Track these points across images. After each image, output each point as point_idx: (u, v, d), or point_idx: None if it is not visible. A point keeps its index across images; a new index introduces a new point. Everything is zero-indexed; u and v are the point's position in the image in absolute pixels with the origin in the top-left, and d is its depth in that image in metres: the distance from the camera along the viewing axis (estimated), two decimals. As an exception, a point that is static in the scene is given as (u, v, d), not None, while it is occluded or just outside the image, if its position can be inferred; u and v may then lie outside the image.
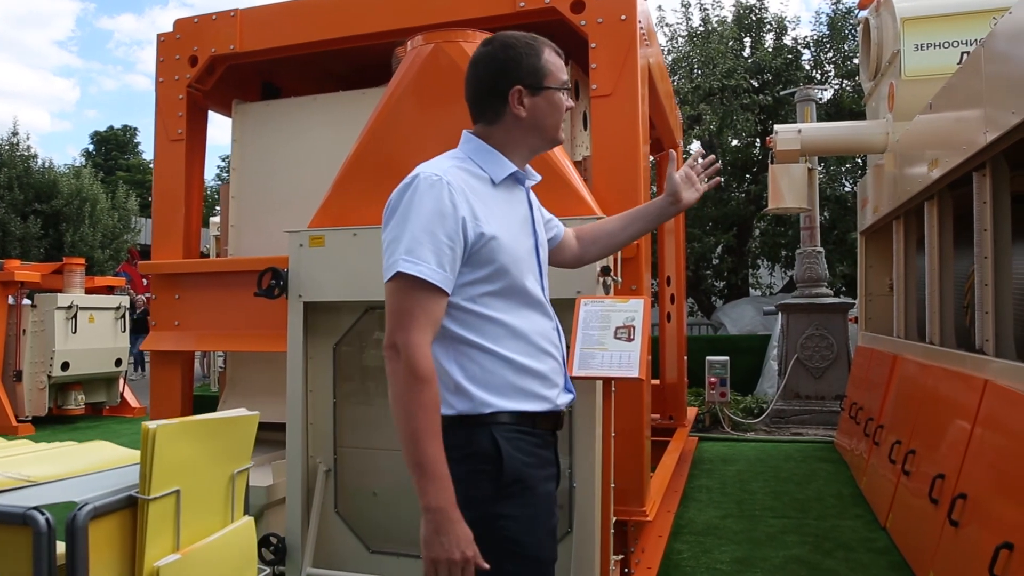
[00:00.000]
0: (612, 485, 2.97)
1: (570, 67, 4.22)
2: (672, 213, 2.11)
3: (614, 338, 2.71)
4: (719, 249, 13.62)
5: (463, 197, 1.64)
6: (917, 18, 5.66)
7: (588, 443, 2.78)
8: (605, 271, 2.92)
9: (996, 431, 3.20)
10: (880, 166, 6.15)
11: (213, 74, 4.24)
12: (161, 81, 4.32)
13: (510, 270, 1.69)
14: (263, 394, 4.18)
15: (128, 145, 41.46)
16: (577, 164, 4.29)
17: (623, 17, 3.70)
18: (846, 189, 12.79)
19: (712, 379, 8.28)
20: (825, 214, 11.37)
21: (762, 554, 4.07)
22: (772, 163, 6.81)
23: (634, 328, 2.70)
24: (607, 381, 2.74)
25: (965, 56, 5.58)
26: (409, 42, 3.24)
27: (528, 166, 1.93)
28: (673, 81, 10.85)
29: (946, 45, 5.61)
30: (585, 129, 4.58)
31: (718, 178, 2.21)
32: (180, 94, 4.19)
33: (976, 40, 5.57)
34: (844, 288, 12.42)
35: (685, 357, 7.07)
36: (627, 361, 2.63)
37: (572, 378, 2.71)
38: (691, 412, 7.52)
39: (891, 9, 5.88)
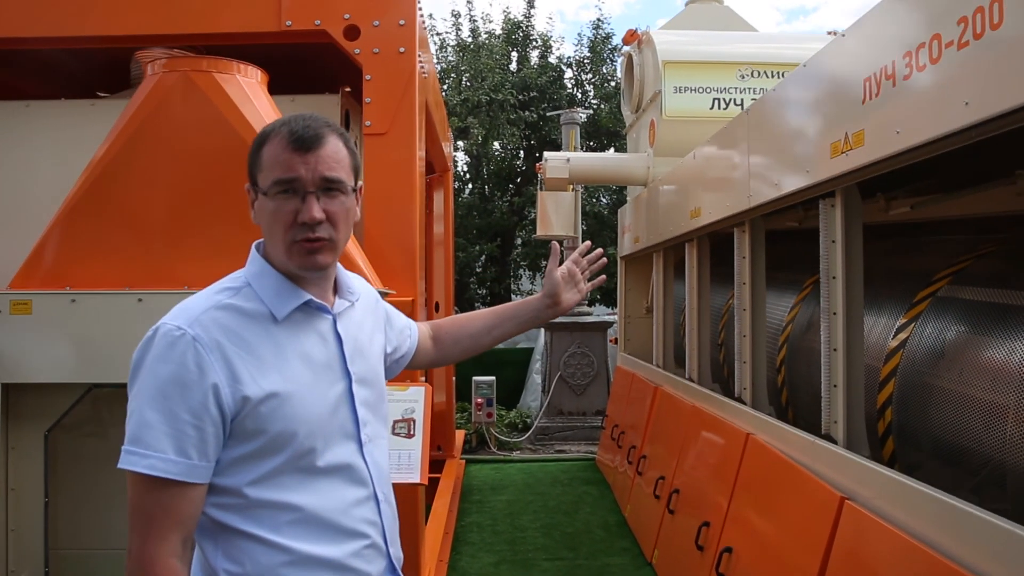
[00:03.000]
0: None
1: (342, 98, 3.84)
2: (549, 316, 1.83)
3: (392, 434, 2.41)
4: (483, 258, 13.77)
5: (217, 354, 1.27)
6: (677, 62, 5.94)
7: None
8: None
9: (756, 489, 3.32)
10: (641, 198, 6.39)
11: None
12: None
13: (295, 437, 1.32)
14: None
15: None
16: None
17: (402, 50, 3.40)
18: (603, 202, 13.48)
19: (479, 400, 8.26)
20: (584, 226, 11.85)
21: (539, 610, 3.98)
22: (541, 190, 6.85)
23: (414, 422, 2.42)
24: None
25: (716, 102, 5.96)
26: (148, 65, 2.69)
27: (345, 277, 1.51)
28: (442, 91, 10.72)
29: (701, 90, 5.94)
30: (356, 161, 4.20)
31: (603, 276, 1.94)
32: None
33: (726, 87, 5.97)
34: (600, 298, 13.07)
35: (453, 378, 6.95)
36: (407, 463, 2.35)
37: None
38: (459, 436, 7.42)
39: (653, 50, 6.12)
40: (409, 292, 3.47)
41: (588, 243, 1.96)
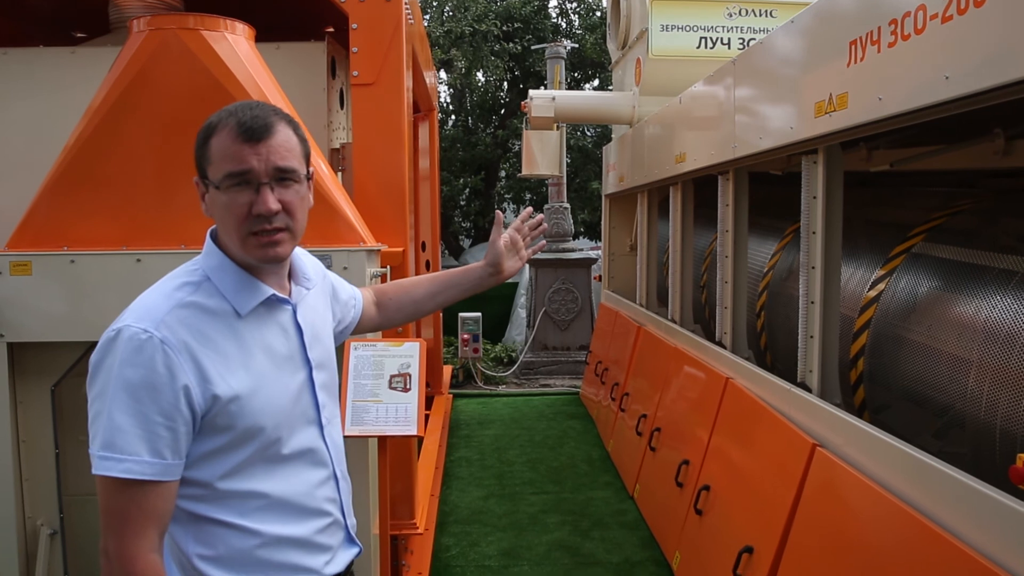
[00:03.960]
0: (390, 536, 2.83)
1: (328, 45, 3.80)
2: (491, 284, 1.86)
3: (389, 388, 2.51)
4: (467, 192, 13.74)
5: (186, 355, 1.29)
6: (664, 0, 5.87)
7: (362, 499, 2.58)
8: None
9: (734, 432, 3.48)
10: (627, 137, 6.40)
11: None
12: None
13: (262, 430, 1.37)
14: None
15: None
16: (335, 152, 3.94)
17: (387, -2, 3.36)
18: (588, 135, 13.41)
19: (465, 335, 8.40)
20: (568, 159, 11.84)
21: (527, 542, 4.19)
22: (526, 129, 6.84)
23: (410, 376, 2.52)
24: (382, 439, 2.55)
25: (704, 41, 5.92)
26: (133, 23, 2.66)
27: (301, 263, 1.53)
28: (424, 21, 10.51)
29: (688, 28, 5.89)
30: (342, 108, 4.20)
31: (543, 242, 1.99)
32: None
33: (713, 26, 5.92)
34: (584, 231, 13.13)
35: (440, 314, 7.06)
36: (404, 415, 2.46)
37: (345, 437, 2.50)
38: (446, 371, 7.58)
39: (640, -14, 6.03)
40: (399, 242, 3.53)
41: (529, 209, 1.99)
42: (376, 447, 2.68)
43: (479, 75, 13.27)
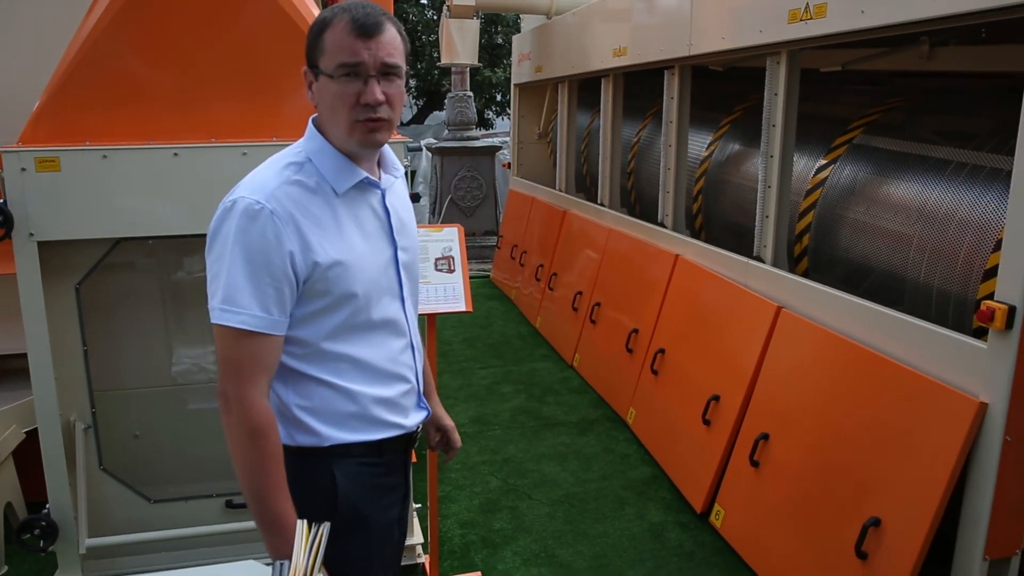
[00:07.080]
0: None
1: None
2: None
3: (435, 270, 2.75)
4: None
5: (291, 226, 1.45)
6: None
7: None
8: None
9: (688, 303, 3.97)
10: (550, 27, 6.55)
11: None
12: None
13: (355, 297, 1.54)
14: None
15: None
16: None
17: None
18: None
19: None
20: (457, 48, 11.76)
21: (491, 410, 4.61)
22: (447, 17, 6.84)
23: (453, 259, 2.77)
24: (432, 316, 2.80)
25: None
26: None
27: (390, 154, 1.67)
28: None
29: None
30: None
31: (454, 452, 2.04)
32: None
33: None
34: (478, 125, 13.23)
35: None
36: (452, 294, 2.72)
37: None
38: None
39: None
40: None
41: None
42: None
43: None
